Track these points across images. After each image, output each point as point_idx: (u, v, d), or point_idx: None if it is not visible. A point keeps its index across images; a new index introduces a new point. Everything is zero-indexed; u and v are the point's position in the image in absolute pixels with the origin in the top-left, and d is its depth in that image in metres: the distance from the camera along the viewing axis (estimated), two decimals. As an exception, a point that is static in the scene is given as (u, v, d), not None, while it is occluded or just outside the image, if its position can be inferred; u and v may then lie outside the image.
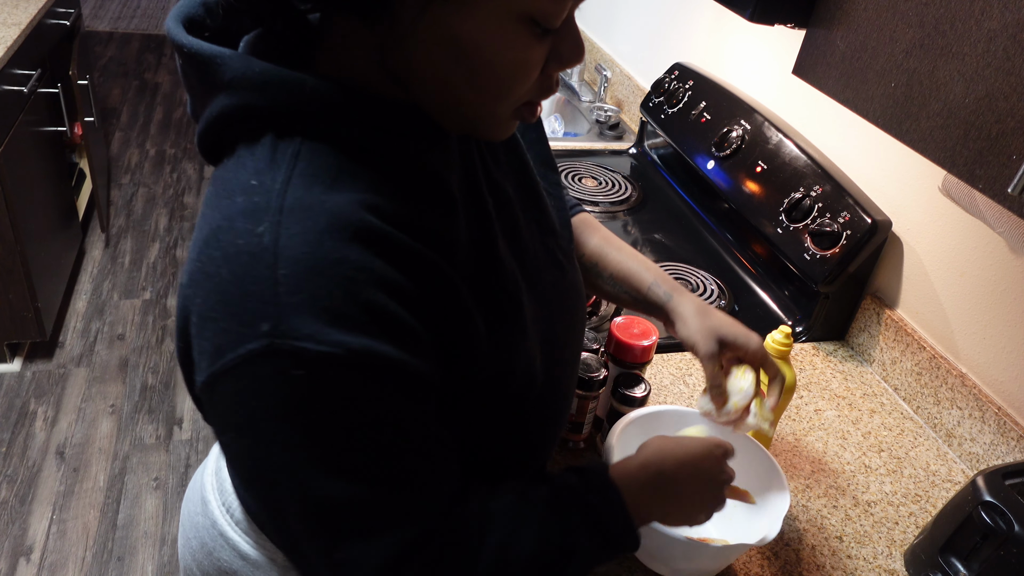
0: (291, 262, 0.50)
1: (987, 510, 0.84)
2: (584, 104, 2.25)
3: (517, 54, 0.54)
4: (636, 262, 0.92)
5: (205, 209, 0.56)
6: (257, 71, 0.54)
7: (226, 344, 0.51)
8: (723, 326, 0.85)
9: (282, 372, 0.50)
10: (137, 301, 2.78)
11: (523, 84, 0.57)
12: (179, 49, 0.57)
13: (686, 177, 1.78)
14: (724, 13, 1.77)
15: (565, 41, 0.57)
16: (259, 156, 0.55)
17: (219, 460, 0.87)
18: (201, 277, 0.53)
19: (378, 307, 0.52)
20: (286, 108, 0.55)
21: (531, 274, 0.70)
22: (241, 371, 0.51)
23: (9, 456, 2.15)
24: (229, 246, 0.52)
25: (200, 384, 0.54)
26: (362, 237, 0.52)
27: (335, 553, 0.55)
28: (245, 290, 0.50)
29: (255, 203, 0.52)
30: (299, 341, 0.50)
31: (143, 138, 3.84)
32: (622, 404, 0.99)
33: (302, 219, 0.51)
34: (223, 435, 0.55)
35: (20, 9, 2.32)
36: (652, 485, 0.70)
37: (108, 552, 1.95)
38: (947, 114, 0.75)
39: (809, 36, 0.93)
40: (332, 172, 0.54)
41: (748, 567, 0.92)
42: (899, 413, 1.22)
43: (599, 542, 0.64)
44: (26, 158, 2.26)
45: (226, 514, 0.82)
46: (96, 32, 4.95)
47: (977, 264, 1.14)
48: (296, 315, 0.50)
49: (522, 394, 0.67)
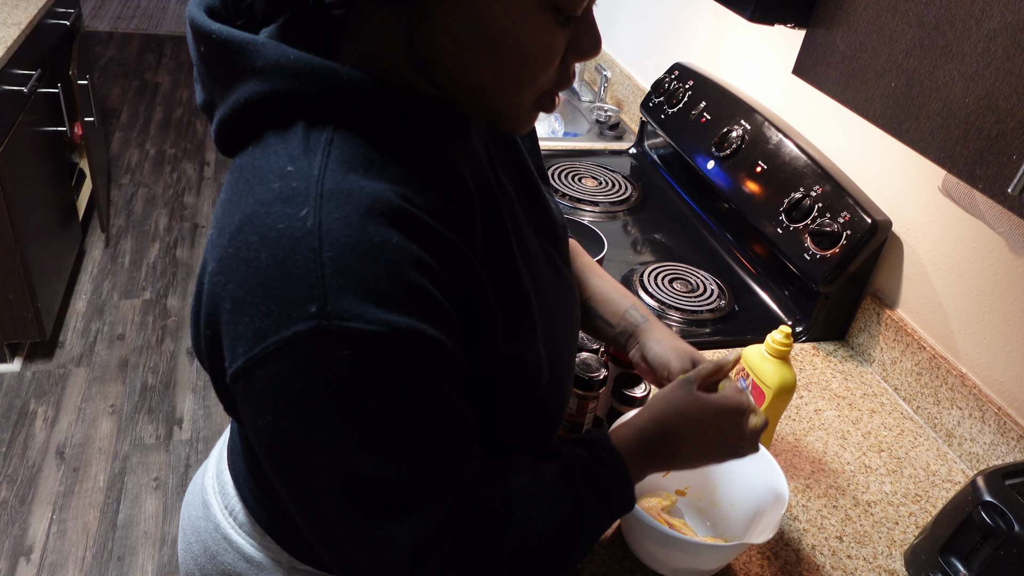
0: (336, 245, 0.51)
1: (987, 510, 0.84)
2: (584, 104, 2.25)
3: (540, 39, 0.56)
4: (615, 290, 0.94)
5: (232, 196, 0.56)
6: (292, 58, 0.55)
7: (268, 328, 0.51)
8: (695, 352, 0.86)
9: (328, 352, 0.51)
10: (137, 301, 2.78)
11: (545, 72, 0.58)
12: (206, 36, 0.57)
13: (686, 177, 1.78)
14: (724, 13, 1.77)
15: (584, 32, 0.59)
16: (292, 143, 0.55)
17: (219, 463, 0.87)
18: (235, 263, 0.53)
19: (419, 288, 0.53)
20: (319, 96, 0.56)
21: (532, 273, 0.71)
22: (285, 354, 0.51)
23: (9, 456, 2.15)
24: (268, 231, 0.52)
25: (235, 370, 0.54)
26: (400, 222, 0.53)
27: (370, 532, 0.56)
28: (288, 273, 0.51)
29: (294, 188, 0.53)
30: (347, 321, 0.50)
31: (143, 138, 3.84)
32: (622, 404, 0.99)
33: (343, 203, 0.52)
34: (259, 419, 0.55)
35: (20, 9, 2.32)
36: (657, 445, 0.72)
37: (108, 552, 1.95)
38: (947, 114, 0.75)
39: (809, 36, 0.93)
40: (364, 161, 0.55)
41: (748, 567, 0.92)
42: (899, 413, 1.22)
43: (606, 510, 0.67)
44: (26, 158, 2.26)
45: (229, 517, 0.82)
46: (96, 32, 4.95)
47: (977, 264, 1.14)
48: (343, 296, 0.51)
49: (530, 388, 0.68)
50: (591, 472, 0.67)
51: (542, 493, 0.65)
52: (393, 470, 0.55)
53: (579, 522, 0.65)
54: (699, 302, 1.38)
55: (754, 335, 1.31)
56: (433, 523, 0.57)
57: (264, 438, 0.56)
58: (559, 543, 0.64)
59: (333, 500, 0.55)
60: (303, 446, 0.54)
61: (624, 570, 0.89)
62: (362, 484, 0.54)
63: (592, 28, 0.59)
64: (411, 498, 0.56)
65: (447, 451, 0.58)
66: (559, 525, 0.64)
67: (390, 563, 0.57)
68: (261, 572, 0.80)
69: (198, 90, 0.62)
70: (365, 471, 0.54)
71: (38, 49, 2.42)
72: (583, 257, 0.98)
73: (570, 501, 0.65)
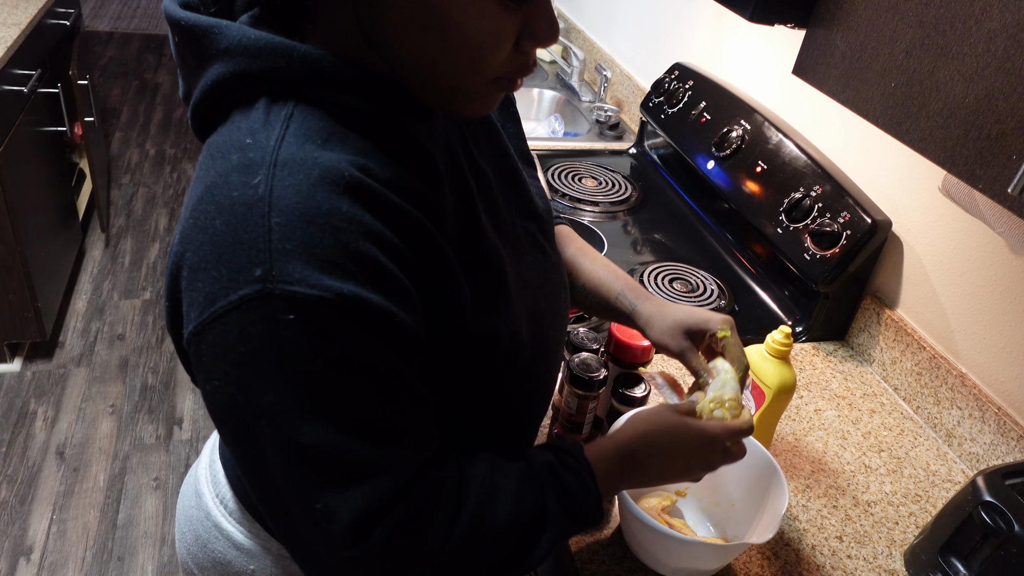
0: (284, 211, 0.52)
1: (987, 510, 0.84)
2: (584, 104, 2.25)
3: (487, 24, 0.56)
4: (607, 272, 0.94)
5: (199, 172, 0.58)
6: (252, 37, 0.56)
7: (218, 292, 0.52)
8: (685, 319, 0.86)
9: (272, 316, 0.51)
10: (137, 301, 2.78)
11: (495, 56, 0.58)
12: (175, 24, 0.59)
13: (686, 177, 1.78)
14: (724, 13, 1.77)
15: (539, 18, 0.58)
16: (253, 118, 0.57)
17: (212, 453, 0.88)
18: (194, 231, 0.54)
19: (367, 257, 0.54)
20: (279, 74, 0.57)
21: (512, 253, 0.71)
22: (231, 317, 0.52)
23: (9, 456, 2.15)
24: (223, 199, 0.53)
25: (188, 335, 0.55)
26: (352, 191, 0.54)
27: (313, 503, 0.55)
28: (239, 239, 0.52)
29: (250, 158, 0.54)
30: (291, 285, 0.51)
31: (143, 138, 3.84)
32: (622, 404, 0.99)
33: (295, 172, 0.53)
34: (207, 384, 0.56)
35: (20, 9, 2.32)
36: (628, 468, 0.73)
37: (108, 552, 1.95)
38: (947, 114, 0.75)
39: (809, 36, 0.93)
40: (323, 134, 0.56)
41: (748, 567, 0.92)
42: (899, 413, 1.22)
43: (570, 518, 0.66)
44: (26, 158, 2.26)
45: (220, 505, 0.82)
46: (96, 32, 4.95)
47: (977, 264, 1.14)
48: (288, 260, 0.51)
49: (508, 361, 0.68)
50: (556, 475, 0.67)
51: (503, 487, 0.64)
52: (336, 440, 0.55)
53: (540, 523, 0.64)
54: (699, 302, 1.38)
55: (754, 335, 1.31)
56: (377, 499, 0.56)
57: (213, 403, 0.56)
58: (516, 541, 0.63)
59: (277, 467, 0.55)
60: (247, 411, 0.54)
61: (624, 570, 0.89)
62: (304, 451, 0.54)
63: (547, 13, 0.58)
64: (354, 471, 0.55)
65: (396, 426, 0.57)
66: (517, 522, 0.63)
67: (328, 536, 0.56)
68: (251, 559, 0.80)
69: (180, 83, 0.64)
70: (307, 438, 0.54)
71: (38, 49, 2.42)
72: (577, 242, 0.99)
73: (532, 500, 0.65)
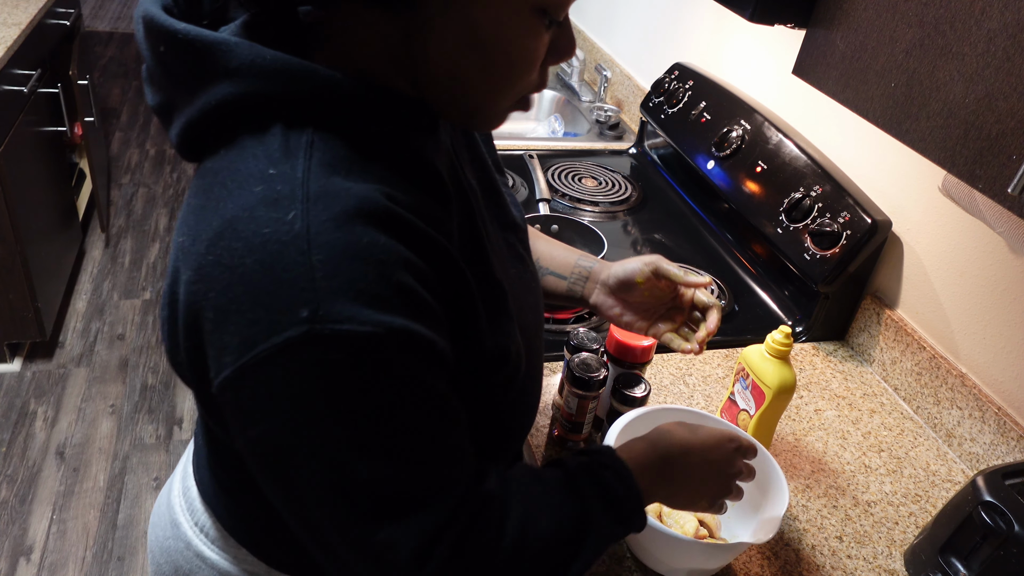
0: (325, 247, 0.50)
1: (987, 510, 0.84)
2: (584, 104, 2.25)
3: (528, 43, 0.57)
4: (562, 248, 0.98)
5: (206, 202, 0.55)
6: (268, 59, 0.54)
7: (257, 335, 0.50)
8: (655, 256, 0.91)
9: (322, 357, 0.50)
10: (137, 301, 2.78)
11: (529, 75, 0.59)
12: (169, 36, 0.55)
13: (686, 177, 1.78)
14: (724, 13, 1.77)
15: (562, 35, 0.60)
16: (271, 146, 0.54)
17: (184, 480, 0.84)
18: (217, 270, 0.52)
19: (408, 288, 0.53)
20: (297, 97, 0.55)
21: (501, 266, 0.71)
22: (277, 361, 0.50)
23: (9, 456, 2.15)
24: (253, 236, 0.51)
25: (223, 380, 0.52)
26: (386, 222, 0.53)
27: (371, 536, 0.55)
28: (277, 278, 0.50)
29: (278, 191, 0.52)
30: (340, 324, 0.50)
31: (143, 138, 3.84)
32: (622, 404, 0.99)
33: (330, 206, 0.52)
34: (250, 429, 0.54)
35: (20, 9, 2.32)
36: (656, 468, 0.72)
37: (108, 552, 1.95)
38: (947, 114, 0.75)
39: (809, 36, 0.93)
40: (345, 163, 0.55)
41: (748, 567, 0.92)
42: (899, 413, 1.22)
43: (613, 518, 0.66)
44: (26, 158, 2.26)
45: (200, 534, 0.79)
46: (96, 32, 4.95)
47: (977, 264, 1.14)
48: (335, 299, 0.50)
49: (509, 379, 0.68)
50: (596, 477, 0.67)
51: (543, 495, 0.64)
52: (392, 472, 0.54)
53: (584, 527, 0.64)
54: (699, 302, 1.38)
55: (754, 335, 1.31)
56: (434, 523, 0.56)
57: (257, 448, 0.55)
58: (562, 548, 0.63)
59: (331, 506, 0.55)
60: (298, 453, 0.53)
61: (624, 570, 0.89)
62: (361, 488, 0.54)
63: (569, 31, 0.61)
64: (411, 499, 0.56)
65: (446, 450, 0.58)
66: (561, 528, 0.63)
67: (392, 566, 0.56)
68: None
69: (149, 91, 0.60)
70: (364, 474, 0.54)
71: (38, 49, 2.42)
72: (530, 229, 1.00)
73: (573, 505, 0.64)
